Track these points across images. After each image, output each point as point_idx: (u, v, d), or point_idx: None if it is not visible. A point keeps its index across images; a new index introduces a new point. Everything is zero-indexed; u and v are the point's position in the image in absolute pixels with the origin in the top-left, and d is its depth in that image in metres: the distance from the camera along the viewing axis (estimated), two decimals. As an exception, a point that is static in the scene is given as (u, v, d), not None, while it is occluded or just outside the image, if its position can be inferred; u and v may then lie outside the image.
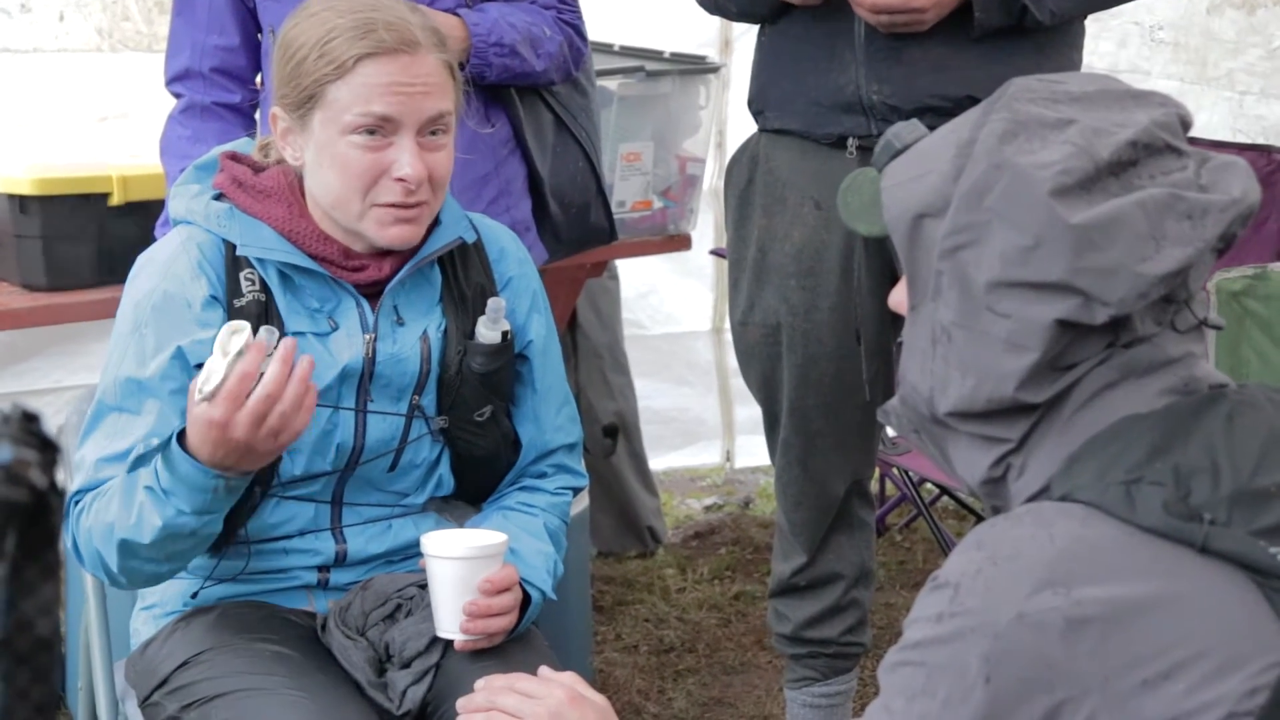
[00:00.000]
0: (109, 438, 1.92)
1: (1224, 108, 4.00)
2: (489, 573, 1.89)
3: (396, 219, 1.92)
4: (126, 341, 1.94)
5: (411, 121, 1.90)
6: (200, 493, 1.80)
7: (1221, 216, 1.31)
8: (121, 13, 3.71)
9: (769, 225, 2.59)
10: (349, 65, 1.89)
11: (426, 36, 1.92)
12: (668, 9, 3.91)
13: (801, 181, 2.56)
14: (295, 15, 1.96)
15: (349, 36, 1.89)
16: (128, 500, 1.84)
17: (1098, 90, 1.37)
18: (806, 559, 2.71)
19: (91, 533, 1.88)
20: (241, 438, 1.75)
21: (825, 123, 2.50)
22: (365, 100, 1.88)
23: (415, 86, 1.89)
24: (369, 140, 1.90)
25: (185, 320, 1.92)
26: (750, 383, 2.71)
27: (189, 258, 1.95)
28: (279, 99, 1.96)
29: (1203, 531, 1.22)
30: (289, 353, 1.76)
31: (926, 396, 1.35)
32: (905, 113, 2.42)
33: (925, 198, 1.35)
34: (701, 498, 4.61)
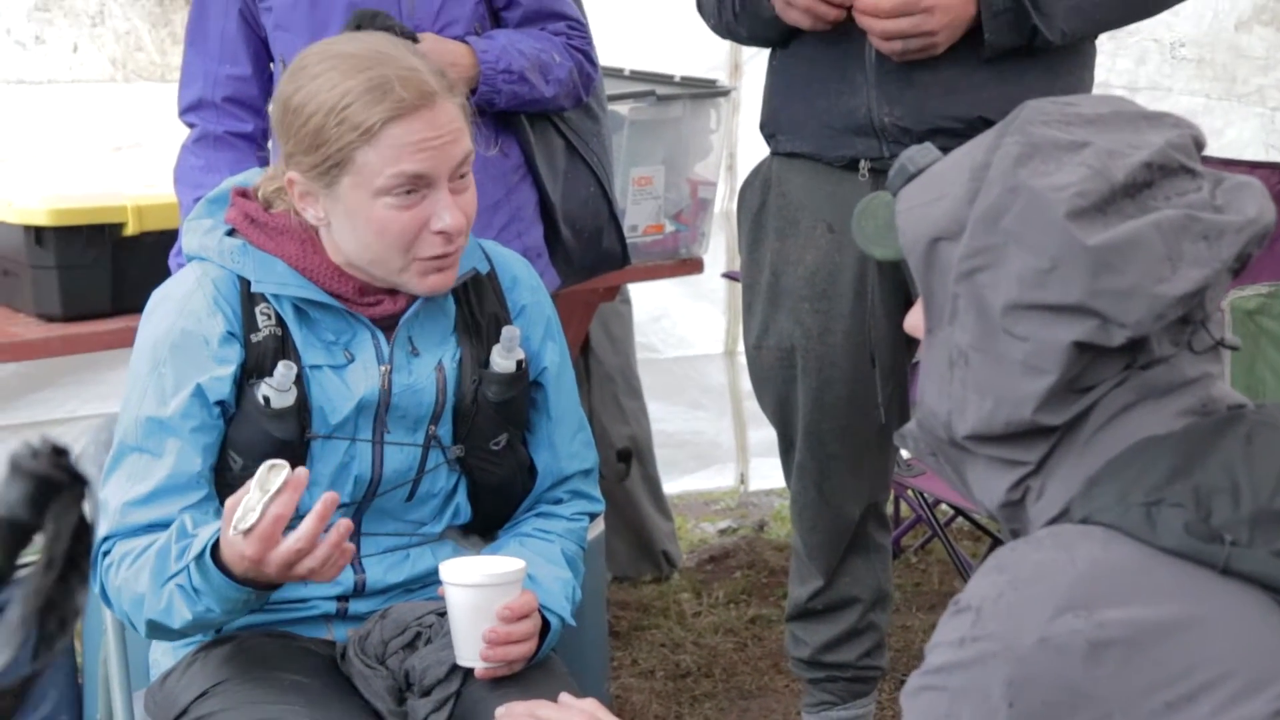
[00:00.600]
0: (131, 480, 1.93)
1: (1255, 123, 4.00)
2: (508, 600, 1.89)
3: (437, 268, 1.93)
4: (145, 381, 1.95)
5: (443, 173, 1.90)
6: (231, 600, 1.84)
7: (1237, 237, 1.31)
8: (135, 43, 3.73)
9: (782, 248, 2.60)
10: (375, 129, 1.87)
11: (438, 82, 1.91)
12: (678, 33, 3.92)
13: (814, 204, 2.56)
14: (294, 78, 1.93)
15: (367, 100, 1.87)
16: (157, 584, 1.86)
17: (1111, 112, 1.37)
18: (823, 582, 2.70)
19: (121, 594, 1.91)
20: (274, 573, 1.79)
21: (837, 145, 2.51)
22: (396, 162, 1.87)
23: (442, 138, 1.89)
24: (404, 200, 1.89)
25: (203, 358, 1.93)
26: (765, 406, 2.71)
27: (205, 294, 1.95)
28: (293, 164, 1.93)
29: (1224, 553, 1.22)
30: (325, 510, 1.78)
31: (944, 420, 1.35)
32: (917, 134, 2.42)
33: (940, 221, 1.35)
34: (716, 521, 4.61)
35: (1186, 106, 4.07)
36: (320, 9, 2.58)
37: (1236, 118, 4.00)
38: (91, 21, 3.68)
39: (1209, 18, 4.02)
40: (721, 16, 2.57)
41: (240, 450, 1.94)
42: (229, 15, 2.65)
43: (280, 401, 1.93)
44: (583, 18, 2.77)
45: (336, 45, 1.98)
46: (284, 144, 1.95)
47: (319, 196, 1.93)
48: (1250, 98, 3.98)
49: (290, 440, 1.94)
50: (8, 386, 3.71)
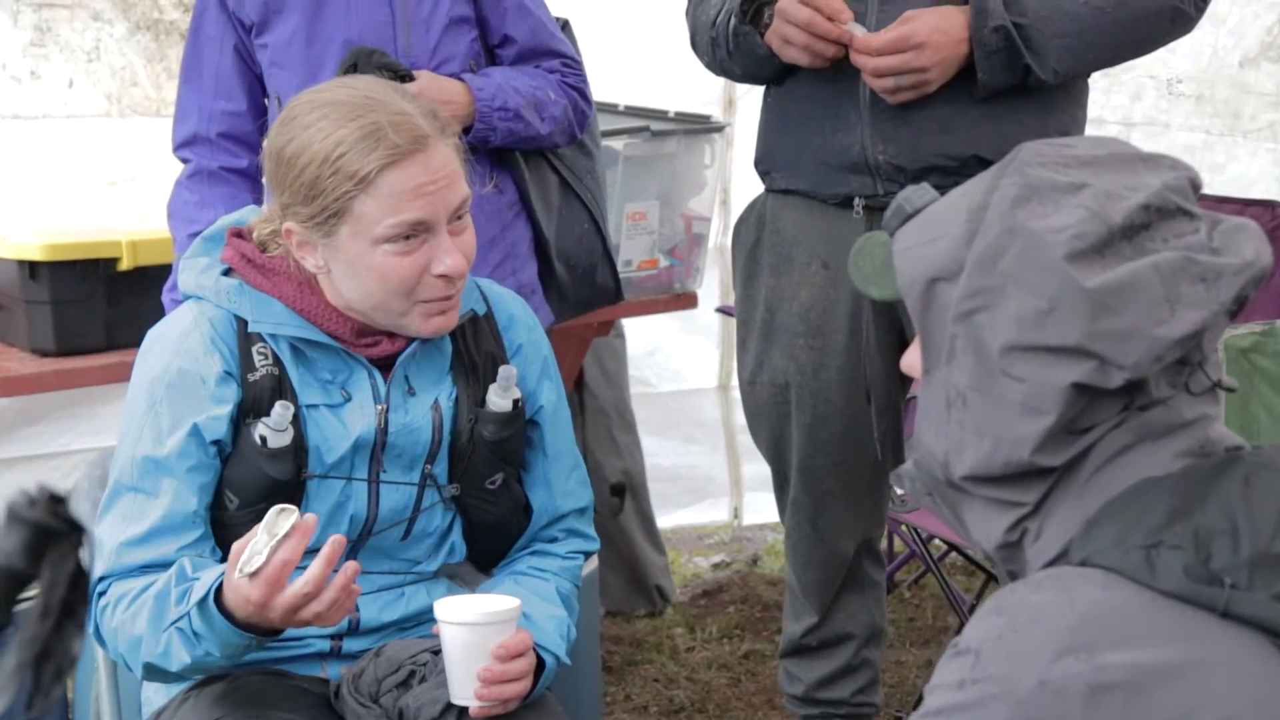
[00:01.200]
0: (127, 520, 1.92)
1: (1267, 159, 4.02)
2: (503, 638, 1.88)
3: (439, 310, 1.93)
4: (141, 420, 1.94)
5: (442, 217, 1.90)
6: (232, 645, 1.83)
7: (1235, 280, 1.32)
8: (130, 78, 3.74)
9: (777, 285, 2.60)
10: (371, 178, 1.86)
11: (431, 125, 1.90)
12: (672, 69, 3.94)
13: (808, 241, 2.56)
14: (285, 128, 1.91)
15: (361, 148, 1.86)
16: (155, 627, 1.85)
17: (1108, 154, 1.38)
18: (817, 619, 2.70)
19: (117, 635, 1.90)
20: (278, 618, 1.78)
21: (832, 183, 2.52)
22: (395, 210, 1.87)
23: (439, 182, 1.88)
24: (404, 245, 1.89)
25: (200, 397, 1.93)
26: (759, 442, 2.71)
27: (201, 334, 1.95)
28: (290, 214, 1.92)
29: (1224, 596, 1.22)
30: (333, 553, 1.76)
31: (941, 460, 1.35)
32: (911, 172, 2.43)
33: (938, 262, 1.35)
34: (709, 555, 4.60)
35: (1185, 142, 4.09)
36: (316, 46, 2.58)
37: (1241, 153, 4.01)
38: (87, 57, 3.69)
39: (1208, 54, 4.04)
40: (715, 54, 2.58)
41: (236, 490, 1.94)
42: (224, 51, 2.66)
43: (277, 441, 1.92)
44: (577, 55, 2.78)
45: (326, 93, 1.95)
46: (278, 195, 1.94)
47: (317, 246, 1.92)
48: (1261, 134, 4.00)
49: (286, 480, 1.93)
50: (2, 420, 3.70)
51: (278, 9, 2.60)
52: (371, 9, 2.57)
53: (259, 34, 2.62)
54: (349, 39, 2.56)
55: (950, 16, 2.37)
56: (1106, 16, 2.41)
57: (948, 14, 2.37)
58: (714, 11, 2.55)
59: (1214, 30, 4.01)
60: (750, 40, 2.47)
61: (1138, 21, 2.43)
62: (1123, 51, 2.52)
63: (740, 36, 2.48)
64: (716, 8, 2.55)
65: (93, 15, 3.69)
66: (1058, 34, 2.39)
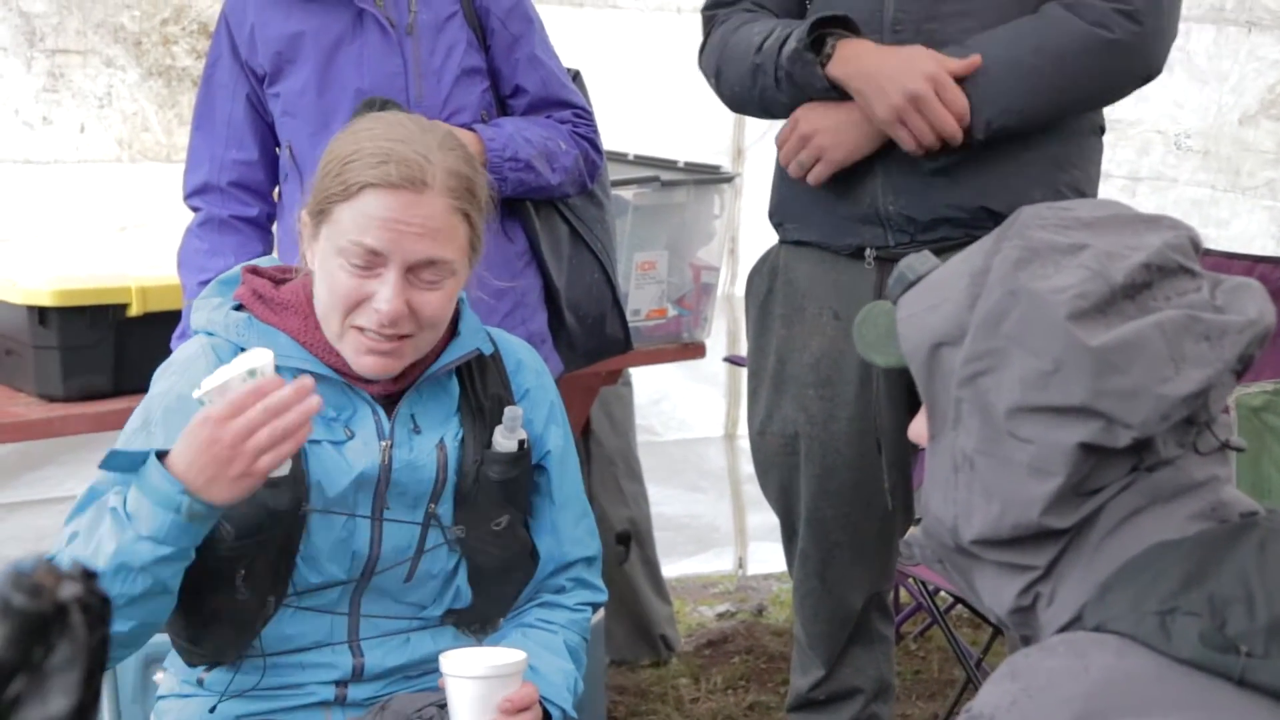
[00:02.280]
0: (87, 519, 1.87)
1: (1264, 216, 4.02)
2: (509, 692, 1.88)
3: (371, 349, 1.92)
4: (130, 438, 1.95)
5: (399, 259, 1.89)
6: (163, 511, 1.76)
7: (1239, 338, 1.32)
8: (141, 124, 3.76)
9: (788, 335, 2.60)
10: (354, 191, 1.90)
11: (444, 179, 1.91)
12: (682, 119, 3.96)
13: (820, 292, 2.57)
14: (345, 129, 2.00)
15: (365, 162, 1.90)
16: (90, 530, 1.82)
17: (1108, 215, 1.38)
18: (824, 672, 2.69)
19: None
20: (227, 443, 1.73)
21: (844, 234, 2.52)
22: (359, 230, 1.89)
23: (411, 226, 1.89)
24: (356, 268, 1.90)
25: None
26: (768, 493, 2.70)
27: (207, 361, 1.96)
28: (304, 204, 1.99)
29: (1240, 664, 1.21)
30: (305, 386, 1.76)
31: (950, 526, 1.35)
32: (921, 223, 2.44)
33: (941, 327, 1.36)
34: (714, 605, 4.59)
35: (1192, 197, 4.09)
36: (329, 96, 2.60)
37: (1243, 209, 4.02)
38: (99, 102, 3.71)
39: (1214, 111, 4.06)
40: (756, 82, 2.51)
41: (232, 520, 1.91)
42: (236, 100, 2.68)
43: (276, 471, 1.91)
44: (588, 106, 2.79)
45: (395, 116, 2.03)
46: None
47: (310, 240, 1.97)
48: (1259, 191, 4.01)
49: (285, 511, 1.92)
50: (6, 464, 3.70)
51: (290, 59, 2.62)
52: (384, 59, 2.59)
53: (271, 83, 2.64)
54: (361, 89, 2.58)
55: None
56: (1022, 64, 2.38)
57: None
58: (758, 39, 2.51)
59: (1219, 87, 4.03)
60: (810, 70, 2.43)
61: (1058, 60, 2.39)
62: (1061, 94, 2.43)
63: (801, 64, 2.43)
64: (762, 36, 2.50)
65: (105, 61, 3.71)
66: (974, 87, 2.37)
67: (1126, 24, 2.39)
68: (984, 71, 2.38)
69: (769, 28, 2.51)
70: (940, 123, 2.37)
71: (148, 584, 1.80)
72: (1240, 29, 4.03)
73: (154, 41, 3.76)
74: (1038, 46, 2.39)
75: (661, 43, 4.22)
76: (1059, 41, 2.39)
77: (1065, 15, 2.40)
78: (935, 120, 2.37)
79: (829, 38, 2.43)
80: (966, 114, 2.37)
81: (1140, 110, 2.62)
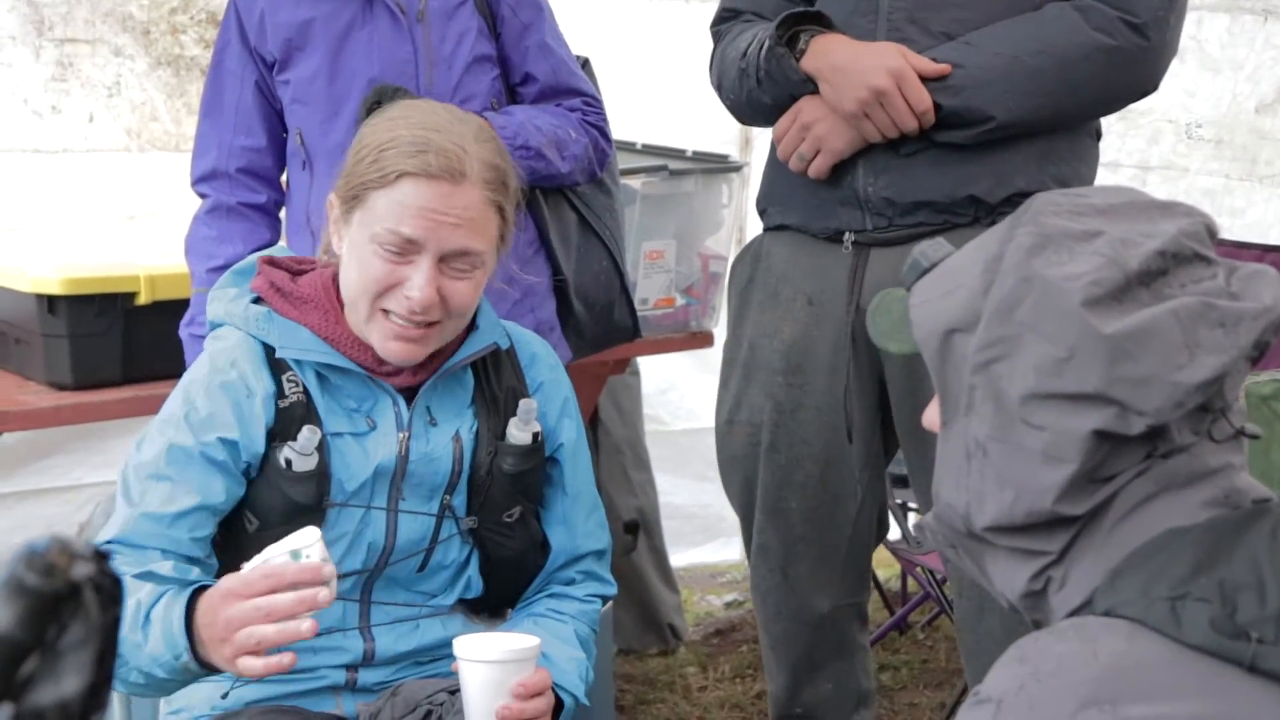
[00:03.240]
0: (153, 498, 1.90)
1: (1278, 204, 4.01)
2: (522, 677, 1.88)
3: (399, 335, 1.93)
4: (180, 414, 1.95)
5: (434, 248, 1.91)
6: (165, 647, 1.78)
7: (1254, 324, 1.31)
8: (150, 113, 3.76)
9: (761, 320, 2.57)
10: (391, 178, 1.91)
11: (479, 170, 1.93)
12: (690, 108, 3.95)
13: (796, 276, 2.53)
14: (378, 116, 2.01)
15: (402, 150, 1.91)
16: (134, 589, 1.83)
17: (1123, 202, 1.38)
18: (788, 678, 2.61)
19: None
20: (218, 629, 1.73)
21: (822, 217, 2.50)
22: (396, 218, 1.90)
23: (448, 217, 1.90)
24: (390, 254, 1.91)
25: (244, 409, 1.94)
26: (730, 487, 2.63)
27: (250, 351, 1.97)
28: (336, 187, 1.99)
29: (1250, 650, 1.21)
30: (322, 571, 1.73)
31: (963, 513, 1.34)
32: (900, 207, 2.42)
33: (955, 313, 1.35)
34: (722, 594, 4.59)
35: (1205, 186, 4.08)
36: (339, 83, 2.60)
37: (1259, 199, 4.01)
38: (108, 92, 3.71)
39: (1228, 99, 4.04)
40: (743, 86, 2.52)
41: (257, 512, 1.94)
42: (245, 87, 2.67)
43: (302, 465, 1.93)
44: (598, 94, 2.79)
45: (429, 105, 2.05)
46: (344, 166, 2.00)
47: (341, 224, 1.97)
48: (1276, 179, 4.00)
49: (309, 505, 1.94)
50: (15, 453, 3.70)
51: (300, 45, 2.61)
52: (394, 47, 2.59)
53: (281, 70, 2.64)
54: (371, 76, 2.57)
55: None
56: (1022, 64, 2.36)
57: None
58: (744, 45, 2.52)
59: (1233, 75, 4.02)
60: (784, 64, 2.43)
61: (1060, 67, 2.36)
62: (1059, 99, 2.40)
63: (775, 60, 2.44)
64: (747, 42, 2.52)
65: (114, 50, 3.71)
66: (970, 83, 2.35)
67: (1132, 36, 2.37)
68: (980, 68, 2.36)
69: (754, 34, 2.52)
70: (901, 119, 2.37)
71: (141, 681, 1.84)
72: (1256, 17, 4.02)
73: (162, 31, 3.76)
74: (1040, 48, 2.36)
75: (670, 31, 4.21)
76: (1062, 44, 2.36)
77: (1072, 17, 2.37)
78: (896, 116, 2.37)
79: (803, 34, 2.43)
80: (930, 111, 2.36)
81: (1151, 99, 2.60)
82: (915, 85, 2.35)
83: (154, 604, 1.80)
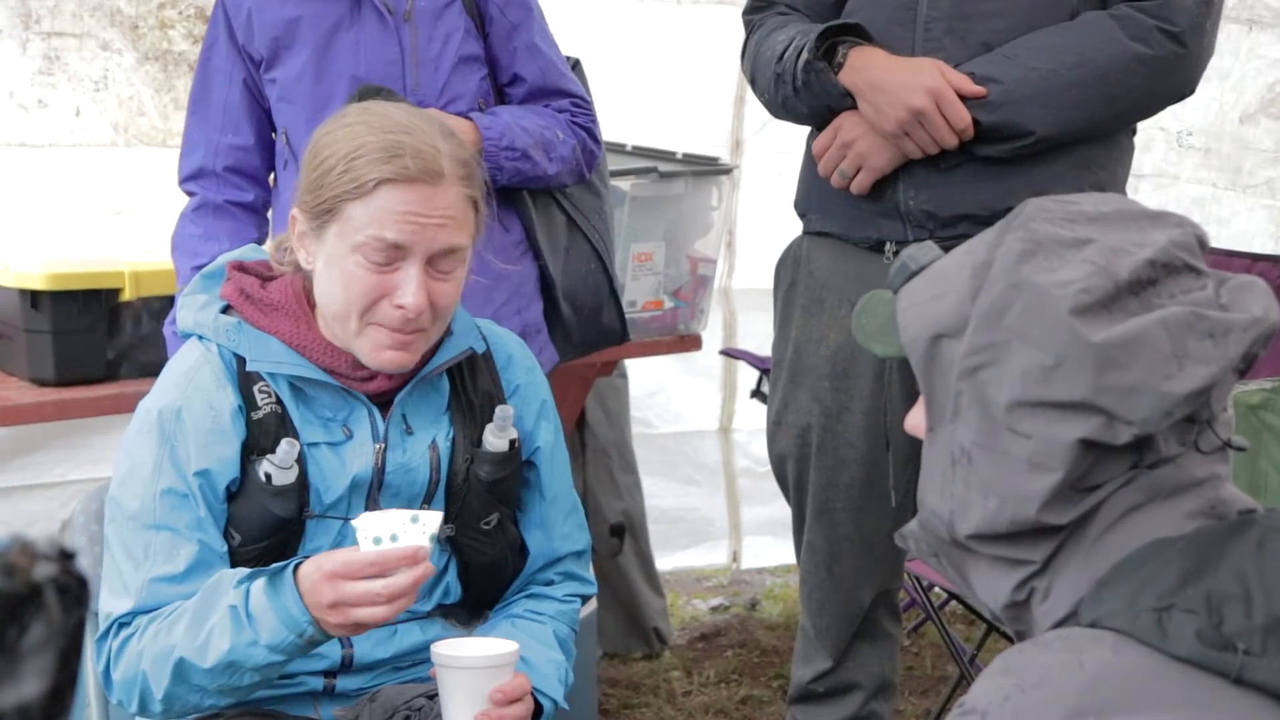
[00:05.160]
0: (157, 557, 1.89)
1: (1263, 215, 4.01)
2: (501, 682, 1.86)
3: (391, 344, 1.91)
4: (159, 454, 1.92)
5: (421, 251, 1.88)
6: (287, 630, 1.79)
7: (1243, 336, 1.30)
8: (137, 108, 3.74)
9: (806, 326, 2.61)
10: (369, 187, 1.87)
11: (453, 168, 1.90)
12: (680, 111, 3.94)
13: (839, 284, 2.56)
14: (330, 122, 1.96)
15: (375, 158, 1.87)
16: (198, 620, 1.83)
17: (1114, 210, 1.37)
18: (831, 664, 2.67)
19: (142, 655, 1.86)
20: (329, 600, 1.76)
21: (864, 227, 2.52)
22: (379, 225, 1.87)
23: (432, 219, 1.88)
24: (375, 264, 1.88)
25: (213, 433, 1.91)
26: (782, 484, 2.70)
27: (212, 369, 1.94)
28: (300, 202, 1.95)
29: (1237, 662, 1.20)
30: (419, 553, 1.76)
31: (946, 519, 1.33)
32: (942, 219, 2.43)
33: (942, 318, 1.34)
34: (708, 598, 4.58)
35: (1194, 195, 4.08)
36: (324, 83, 2.58)
37: (1243, 207, 4.01)
38: (95, 86, 3.69)
39: (1215, 109, 4.04)
40: (778, 92, 2.52)
41: (240, 527, 1.92)
42: (233, 85, 2.66)
43: (282, 479, 1.91)
44: (587, 95, 2.78)
45: (382, 106, 2.00)
46: (300, 182, 1.96)
47: (311, 238, 1.93)
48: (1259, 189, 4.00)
49: (290, 518, 1.92)
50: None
51: (287, 44, 2.60)
52: (381, 46, 2.57)
53: (268, 69, 2.62)
54: (357, 75, 2.56)
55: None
56: (1060, 78, 2.36)
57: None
58: (780, 47, 2.51)
59: (1219, 84, 4.02)
60: (823, 79, 2.43)
61: (1099, 79, 2.37)
62: (1097, 111, 2.42)
63: (814, 73, 2.44)
64: (784, 44, 2.50)
65: (101, 45, 3.69)
66: (1010, 96, 2.36)
67: (1170, 44, 2.37)
68: (1019, 82, 2.36)
69: (791, 35, 2.51)
70: (941, 136, 2.38)
71: (255, 680, 1.86)
72: (1241, 27, 4.02)
73: (150, 25, 3.74)
74: (1078, 61, 2.37)
75: (661, 33, 4.20)
76: (1100, 55, 2.37)
77: (1109, 26, 2.37)
78: (936, 134, 2.38)
79: (841, 46, 2.43)
80: (969, 128, 2.38)
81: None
82: (954, 104, 2.36)
83: (246, 601, 1.80)
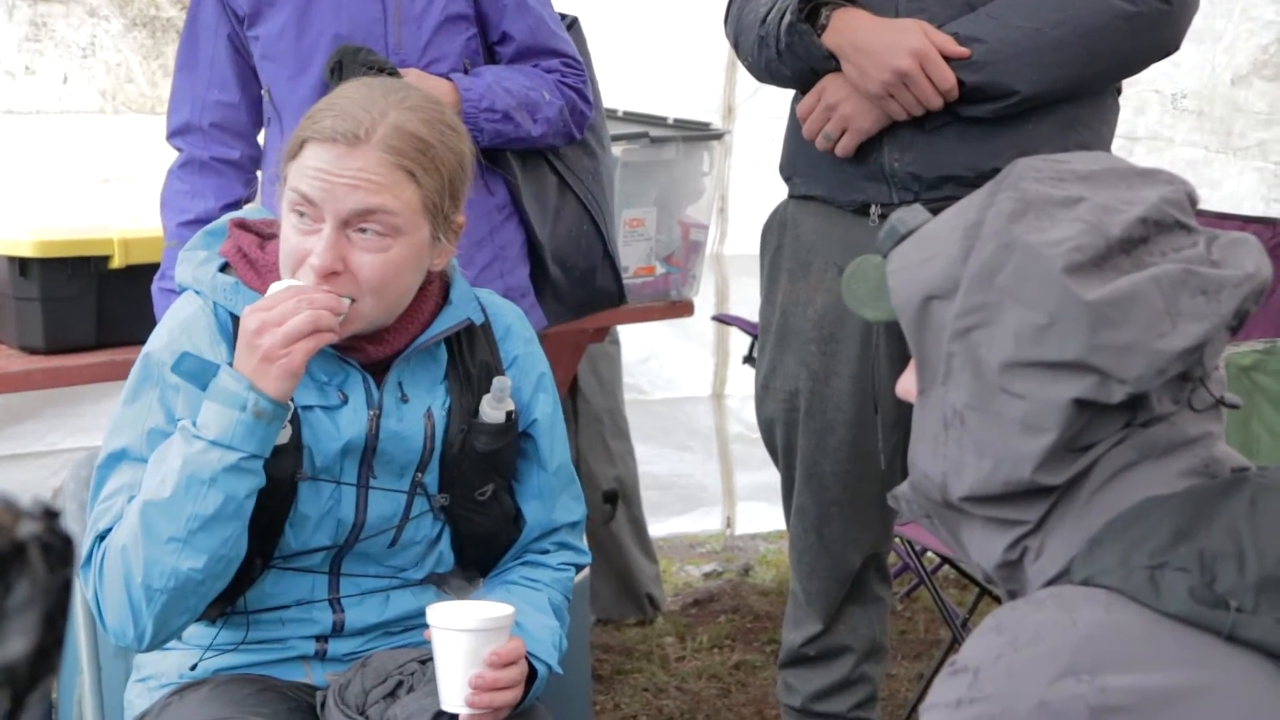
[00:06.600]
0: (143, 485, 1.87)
1: (1254, 178, 4.00)
2: (496, 645, 1.86)
3: None
4: (150, 396, 1.92)
5: (331, 210, 1.86)
6: (231, 409, 1.79)
7: (1236, 292, 1.30)
8: (125, 75, 3.71)
9: (793, 290, 2.60)
10: (297, 147, 1.90)
11: (386, 135, 1.87)
12: (672, 75, 3.92)
13: (825, 247, 2.55)
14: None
15: (310, 120, 1.90)
16: (155, 466, 1.84)
17: (1104, 169, 1.36)
18: (821, 628, 2.67)
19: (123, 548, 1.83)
20: (256, 339, 1.80)
21: (849, 190, 2.50)
22: (296, 178, 1.88)
23: (342, 177, 1.86)
24: (299, 222, 1.88)
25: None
26: (770, 449, 2.70)
27: (207, 323, 1.94)
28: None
29: (1230, 619, 1.20)
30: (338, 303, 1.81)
31: (939, 482, 1.33)
32: (927, 181, 2.42)
33: (934, 280, 1.33)
34: (701, 564, 4.58)
35: (1187, 158, 4.07)
36: (306, 40, 2.57)
37: (1234, 170, 4.00)
38: (82, 53, 3.66)
39: (1208, 71, 4.03)
40: (761, 55, 2.50)
41: None
42: (219, 42, 2.65)
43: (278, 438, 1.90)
44: (579, 55, 2.75)
45: (371, 80, 2.04)
46: None
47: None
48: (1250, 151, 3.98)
49: (282, 478, 1.91)
50: (-13, 417, 3.67)
51: (270, 2, 2.58)
52: (363, 4, 2.56)
53: (251, 26, 2.61)
54: (339, 34, 2.54)
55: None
56: (1045, 36, 2.35)
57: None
58: (763, 10, 2.49)
59: (1212, 46, 4.00)
60: (806, 41, 2.42)
61: (1083, 36, 2.35)
62: (1081, 69, 2.39)
63: (797, 35, 2.42)
64: (767, 7, 2.49)
65: (89, 11, 3.67)
66: (994, 58, 2.34)
67: (1154, 1, 2.36)
68: (1003, 42, 2.35)
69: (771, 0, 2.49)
70: (926, 97, 2.37)
71: (219, 501, 1.81)
72: (1233, -13, 4.00)
73: (138, -9, 3.71)
74: (1062, 18, 2.35)
75: (652, -2, 4.18)
76: (1084, 13, 2.35)
77: None
78: (921, 95, 2.37)
79: (824, 8, 2.41)
80: (954, 89, 2.36)
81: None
82: (939, 64, 2.35)
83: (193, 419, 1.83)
